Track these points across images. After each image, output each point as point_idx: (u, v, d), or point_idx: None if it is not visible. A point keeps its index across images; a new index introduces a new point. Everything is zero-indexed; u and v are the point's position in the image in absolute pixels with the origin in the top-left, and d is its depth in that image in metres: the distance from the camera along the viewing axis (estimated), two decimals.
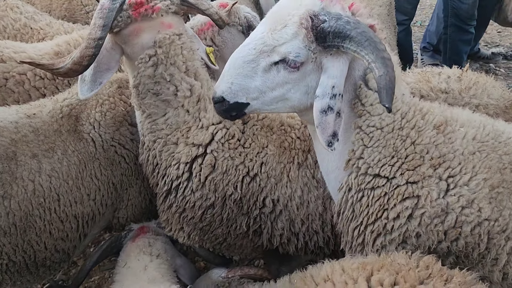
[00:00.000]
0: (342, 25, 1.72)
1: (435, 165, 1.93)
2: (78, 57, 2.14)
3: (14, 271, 2.55)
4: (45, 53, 3.19)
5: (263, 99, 1.92)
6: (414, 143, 1.96)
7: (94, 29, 2.13)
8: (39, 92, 3.11)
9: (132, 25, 2.30)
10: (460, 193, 1.88)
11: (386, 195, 1.97)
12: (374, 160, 1.98)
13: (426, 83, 2.70)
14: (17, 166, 2.44)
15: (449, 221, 1.89)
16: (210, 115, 2.45)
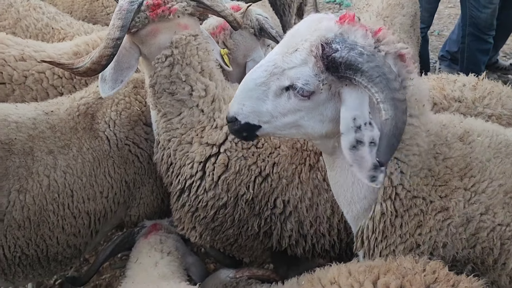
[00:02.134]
0: (354, 57, 1.58)
1: (462, 176, 1.91)
2: (97, 56, 2.18)
3: (27, 264, 2.60)
4: (64, 52, 3.26)
5: (275, 124, 1.84)
6: (445, 158, 1.92)
7: (113, 30, 2.18)
8: (56, 90, 3.16)
9: (149, 26, 2.34)
10: (479, 201, 1.88)
11: (422, 213, 1.92)
12: (412, 185, 1.90)
13: (440, 90, 2.66)
14: (33, 161, 2.49)
15: (470, 228, 1.88)
16: (224, 115, 2.47)
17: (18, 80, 3.08)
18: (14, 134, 2.46)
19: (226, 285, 2.52)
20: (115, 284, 3.66)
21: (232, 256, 2.89)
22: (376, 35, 1.71)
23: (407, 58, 1.77)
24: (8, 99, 3.04)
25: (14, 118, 2.52)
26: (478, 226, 1.88)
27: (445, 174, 1.92)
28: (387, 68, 1.59)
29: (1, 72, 3.05)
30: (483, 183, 1.89)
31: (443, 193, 1.91)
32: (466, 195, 1.89)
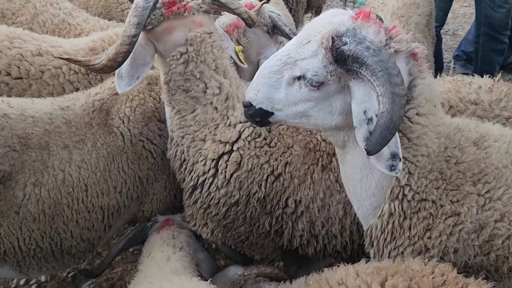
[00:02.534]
0: (360, 51, 1.63)
1: (475, 181, 1.89)
2: (113, 53, 2.21)
3: (41, 256, 2.64)
4: (80, 48, 3.29)
5: (287, 112, 1.90)
6: (458, 162, 1.91)
7: (129, 27, 2.20)
8: (72, 86, 3.20)
9: (164, 23, 2.36)
10: (494, 207, 1.87)
11: (431, 216, 1.92)
12: (420, 186, 1.91)
13: (456, 93, 2.64)
14: (49, 155, 2.53)
15: (484, 235, 1.87)
16: (238, 113, 2.49)
17: (35, 75, 3.12)
18: (30, 129, 2.50)
19: (235, 282, 2.54)
20: (127, 278, 3.70)
21: (243, 253, 2.91)
22: (389, 33, 1.75)
23: (419, 57, 1.79)
24: (25, 93, 3.08)
25: (30, 113, 2.55)
26: (492, 233, 1.86)
27: (457, 178, 1.91)
28: (391, 64, 1.62)
29: (18, 67, 3.09)
30: (498, 190, 1.87)
31: (455, 198, 1.90)
32: (480, 201, 1.88)
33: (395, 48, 1.72)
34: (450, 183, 1.91)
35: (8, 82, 3.08)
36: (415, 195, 1.92)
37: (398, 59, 1.73)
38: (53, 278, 3.77)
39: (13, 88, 3.09)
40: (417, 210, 1.94)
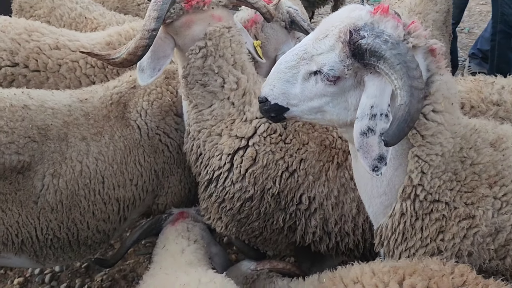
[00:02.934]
0: (378, 44, 1.63)
1: (491, 183, 1.85)
2: (133, 47, 2.23)
3: (58, 247, 2.68)
4: (97, 42, 3.33)
5: (302, 108, 1.90)
6: (473, 164, 1.88)
7: (149, 21, 2.22)
8: (89, 79, 3.24)
9: (184, 17, 2.37)
10: (511, 211, 1.82)
11: (444, 218, 1.89)
12: (433, 187, 1.88)
13: (478, 93, 2.58)
14: (67, 147, 2.56)
15: (500, 239, 1.83)
16: (254, 109, 2.50)
17: (53, 68, 3.16)
18: (50, 120, 2.53)
19: (247, 277, 2.55)
20: (139, 270, 3.74)
21: (256, 248, 2.92)
22: (407, 28, 1.74)
23: (438, 53, 1.78)
24: (42, 86, 3.12)
25: (50, 104, 2.59)
26: (508, 237, 1.83)
27: (472, 180, 1.87)
28: (409, 57, 1.62)
29: (36, 60, 3.14)
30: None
31: (469, 200, 1.86)
32: (496, 204, 1.84)
33: (413, 43, 1.72)
34: (464, 185, 1.88)
35: (26, 75, 3.13)
36: (427, 195, 1.89)
37: (416, 54, 1.73)
38: (67, 268, 3.83)
39: (31, 80, 3.14)
40: (430, 211, 1.91)
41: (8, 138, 2.38)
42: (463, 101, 2.51)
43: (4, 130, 2.38)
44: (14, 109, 2.46)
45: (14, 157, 2.39)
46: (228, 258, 3.23)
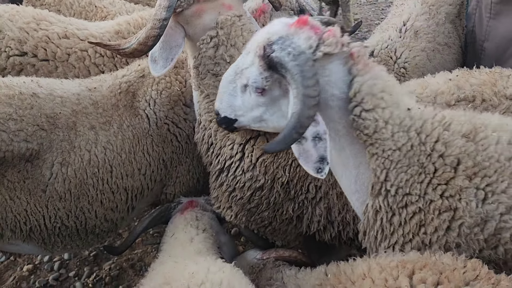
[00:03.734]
0: (283, 57, 1.73)
1: (470, 175, 1.83)
2: (144, 37, 2.21)
3: (66, 235, 2.69)
4: (106, 31, 3.31)
5: (247, 117, 2.04)
6: (442, 156, 1.87)
7: (159, 10, 2.19)
8: (98, 68, 3.23)
9: (194, 5, 2.35)
10: (498, 200, 1.80)
11: (421, 211, 1.89)
12: (402, 181, 1.89)
13: (491, 86, 2.49)
14: (76, 135, 2.56)
15: (489, 229, 1.82)
16: None
17: (61, 57, 3.16)
18: (59, 109, 2.53)
19: (253, 266, 2.53)
20: (147, 259, 3.76)
21: (265, 238, 2.92)
22: (322, 37, 1.80)
23: (357, 56, 1.84)
24: (51, 76, 3.12)
25: (59, 93, 2.59)
26: (498, 226, 1.80)
27: (444, 172, 1.85)
28: (307, 67, 1.72)
29: (45, 49, 3.13)
30: (502, 183, 1.80)
31: (447, 193, 1.85)
32: (479, 194, 1.82)
33: (325, 51, 1.77)
34: (436, 177, 1.86)
35: (35, 64, 3.12)
36: (398, 189, 1.90)
37: (333, 61, 1.81)
38: (75, 256, 3.86)
39: (39, 70, 3.13)
40: (404, 205, 1.90)
41: (17, 126, 2.39)
42: (474, 94, 2.45)
43: (13, 118, 2.38)
44: (23, 97, 2.46)
45: (23, 144, 2.39)
46: (237, 248, 3.23)
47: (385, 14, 4.47)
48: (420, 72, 3.51)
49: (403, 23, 3.68)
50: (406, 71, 3.45)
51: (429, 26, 3.69)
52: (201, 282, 1.72)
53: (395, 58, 3.48)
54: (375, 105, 1.84)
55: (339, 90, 1.84)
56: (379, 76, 1.87)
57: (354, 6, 8.87)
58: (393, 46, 3.53)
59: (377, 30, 3.97)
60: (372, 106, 1.84)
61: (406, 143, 1.87)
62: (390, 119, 1.86)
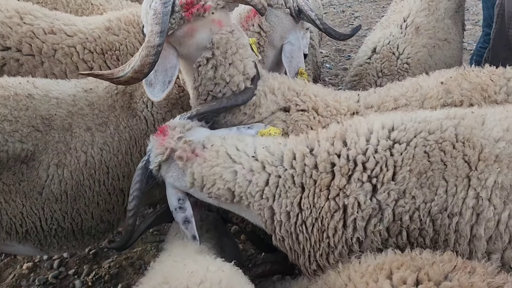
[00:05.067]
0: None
1: (346, 173, 1.95)
2: (139, 65, 2.15)
3: (62, 236, 2.68)
4: (96, 27, 3.24)
5: None
6: (316, 167, 2.01)
7: (152, 36, 2.13)
8: (86, 65, 3.16)
9: (185, 26, 2.29)
10: (389, 189, 1.89)
11: (317, 220, 2.00)
12: (287, 205, 2.04)
13: (481, 91, 2.45)
14: (72, 137, 2.54)
15: (387, 217, 1.89)
16: (263, 109, 2.51)
17: (48, 53, 3.08)
18: (54, 110, 2.51)
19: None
20: (146, 258, 3.76)
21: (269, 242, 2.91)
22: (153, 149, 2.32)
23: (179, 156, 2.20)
24: (36, 71, 3.06)
25: (55, 94, 2.57)
26: (397, 212, 1.88)
27: (322, 179, 1.98)
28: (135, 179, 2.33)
29: (30, 44, 3.05)
30: (388, 173, 1.90)
31: (330, 195, 1.96)
32: (366, 187, 1.91)
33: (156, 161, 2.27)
34: (317, 187, 1.99)
35: (19, 59, 3.04)
36: (289, 213, 2.04)
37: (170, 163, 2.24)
38: (74, 254, 3.86)
39: (24, 64, 3.05)
40: (302, 222, 2.03)
41: (12, 127, 2.37)
42: (462, 98, 2.45)
43: (8, 119, 2.37)
44: (19, 98, 2.44)
45: (18, 145, 2.37)
46: (239, 250, 3.20)
47: (386, 11, 4.45)
48: (422, 67, 3.52)
49: (404, 20, 3.67)
50: (409, 66, 3.48)
51: (429, 22, 3.71)
52: (200, 281, 1.70)
53: (398, 54, 3.50)
54: (213, 181, 2.13)
55: (184, 185, 2.22)
56: (206, 158, 2.15)
57: (355, 4, 8.83)
58: (395, 42, 3.55)
59: (377, 26, 3.97)
60: (211, 183, 2.13)
61: (270, 178, 2.06)
62: (234, 178, 2.11)
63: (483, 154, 1.84)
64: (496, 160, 1.82)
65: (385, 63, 3.48)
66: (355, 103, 2.60)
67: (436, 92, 2.49)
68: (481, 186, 1.81)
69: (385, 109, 2.51)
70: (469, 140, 1.88)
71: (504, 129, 1.87)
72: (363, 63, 3.56)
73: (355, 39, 7.14)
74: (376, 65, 3.50)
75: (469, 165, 1.85)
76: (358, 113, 2.53)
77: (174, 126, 2.33)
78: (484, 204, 1.81)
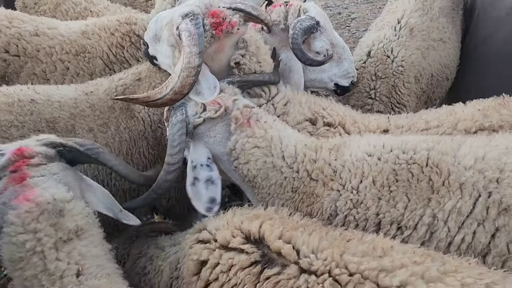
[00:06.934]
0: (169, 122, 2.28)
1: (327, 182, 2.10)
2: (179, 86, 2.19)
3: None
4: (73, 31, 3.35)
5: None
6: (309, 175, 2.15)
7: (192, 57, 2.18)
8: (63, 64, 3.26)
9: (215, 43, 2.40)
10: (348, 197, 2.04)
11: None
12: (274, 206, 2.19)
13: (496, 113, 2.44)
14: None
15: (336, 221, 2.05)
16: (290, 118, 2.63)
17: (31, 53, 3.22)
18: (57, 113, 2.58)
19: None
20: None
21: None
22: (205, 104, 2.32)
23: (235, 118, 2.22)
24: (21, 70, 3.21)
25: (57, 98, 2.64)
26: (346, 219, 2.05)
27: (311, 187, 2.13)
28: (176, 137, 2.19)
29: (16, 45, 3.20)
30: (354, 181, 2.04)
31: (309, 202, 2.14)
32: (333, 194, 2.08)
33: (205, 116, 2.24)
34: (305, 194, 2.15)
35: (6, 59, 3.20)
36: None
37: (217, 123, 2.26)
38: None
39: (10, 64, 3.21)
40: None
41: (19, 132, 2.44)
42: (502, 123, 2.42)
43: (15, 125, 2.44)
44: (22, 104, 2.52)
45: None
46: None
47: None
48: (416, 69, 3.53)
49: (398, 21, 3.68)
50: (403, 69, 3.48)
51: (423, 23, 3.68)
52: None
53: (393, 57, 3.50)
54: (248, 159, 2.17)
55: (224, 147, 2.21)
56: (255, 133, 2.18)
57: (351, 5, 8.87)
58: (389, 45, 3.54)
59: (372, 27, 3.96)
60: (245, 160, 2.17)
61: (280, 177, 2.17)
62: (263, 167, 2.17)
63: (448, 181, 1.92)
64: (460, 188, 1.90)
65: (379, 66, 3.50)
66: (386, 122, 2.62)
67: (471, 114, 2.50)
68: (439, 208, 1.90)
69: (416, 129, 2.53)
70: (438, 166, 1.96)
71: (478, 158, 1.93)
72: (358, 67, 3.55)
73: (352, 40, 7.18)
74: (370, 69, 3.52)
75: (432, 189, 1.93)
76: (389, 131, 2.56)
77: (223, 88, 2.37)
78: (439, 225, 1.89)
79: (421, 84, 3.62)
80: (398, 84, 3.48)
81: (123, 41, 3.28)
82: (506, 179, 1.85)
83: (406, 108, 3.51)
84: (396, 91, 3.49)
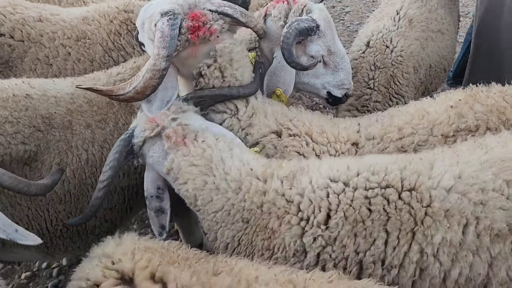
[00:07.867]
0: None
1: (282, 215, 1.90)
2: (142, 87, 2.14)
3: (67, 236, 2.66)
4: (74, 17, 3.39)
5: None
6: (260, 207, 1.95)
7: (159, 60, 2.11)
8: (65, 49, 3.29)
9: (189, 47, 2.30)
10: (316, 233, 1.83)
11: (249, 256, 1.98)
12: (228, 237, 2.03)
13: (498, 114, 2.27)
14: (72, 135, 2.53)
15: (308, 261, 1.84)
16: (254, 130, 2.48)
17: (35, 38, 3.23)
18: (53, 108, 2.50)
19: None
20: None
21: None
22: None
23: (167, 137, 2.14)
24: (25, 55, 3.21)
25: (53, 93, 2.55)
26: (321, 257, 1.83)
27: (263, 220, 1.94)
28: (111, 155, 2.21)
29: (21, 31, 3.20)
30: (319, 215, 1.84)
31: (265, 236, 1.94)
32: (296, 230, 1.87)
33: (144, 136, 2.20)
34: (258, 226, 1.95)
35: (11, 44, 3.19)
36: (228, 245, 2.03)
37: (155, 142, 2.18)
38: (73, 262, 3.79)
39: (15, 49, 3.21)
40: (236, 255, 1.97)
41: (13, 128, 2.35)
42: (478, 123, 2.30)
43: (9, 120, 2.35)
44: (17, 99, 2.43)
45: (21, 147, 2.35)
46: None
47: (376, 6, 4.45)
48: (414, 60, 3.54)
49: (397, 12, 3.68)
50: (402, 59, 3.48)
51: (422, 14, 3.72)
52: None
53: (392, 47, 3.49)
54: (186, 179, 2.07)
55: (161, 170, 2.15)
56: (191, 151, 2.08)
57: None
58: (388, 35, 3.54)
59: (371, 19, 3.96)
60: (184, 180, 2.08)
61: (226, 204, 2.00)
62: (204, 187, 2.04)
63: (431, 209, 1.73)
64: (446, 216, 1.71)
65: (378, 56, 3.48)
66: (355, 133, 2.47)
67: (447, 116, 2.35)
68: (426, 242, 1.71)
69: (389, 140, 2.38)
70: (417, 190, 1.76)
71: (456, 177, 1.75)
72: (357, 57, 3.54)
73: (347, 34, 7.18)
74: (369, 59, 3.48)
75: (415, 220, 1.74)
76: (358, 144, 2.41)
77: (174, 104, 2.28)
78: (429, 260, 1.71)
79: (419, 75, 3.63)
80: (397, 74, 3.47)
81: (120, 28, 3.33)
82: (490, 200, 1.69)
83: (404, 98, 3.49)
84: (394, 81, 3.47)
